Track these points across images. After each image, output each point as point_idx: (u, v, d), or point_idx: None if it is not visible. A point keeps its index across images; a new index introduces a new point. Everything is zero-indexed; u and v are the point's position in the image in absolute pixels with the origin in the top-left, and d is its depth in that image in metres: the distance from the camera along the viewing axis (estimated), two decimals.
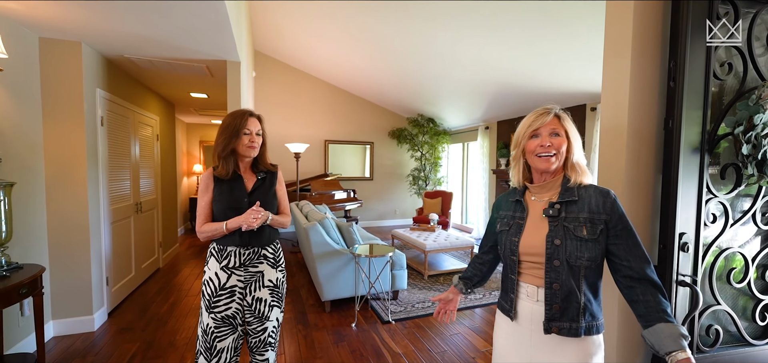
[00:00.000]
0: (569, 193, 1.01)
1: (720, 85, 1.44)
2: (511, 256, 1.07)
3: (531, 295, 1.03)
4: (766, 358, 1.51)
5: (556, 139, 0.99)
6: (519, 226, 1.07)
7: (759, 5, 1.40)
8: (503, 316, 1.11)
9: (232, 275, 1.48)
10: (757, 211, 1.47)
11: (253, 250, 1.50)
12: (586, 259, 0.96)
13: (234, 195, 1.49)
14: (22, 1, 1.93)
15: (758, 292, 1.50)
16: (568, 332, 0.97)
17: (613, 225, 0.97)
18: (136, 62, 3.05)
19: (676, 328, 0.87)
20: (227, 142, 1.47)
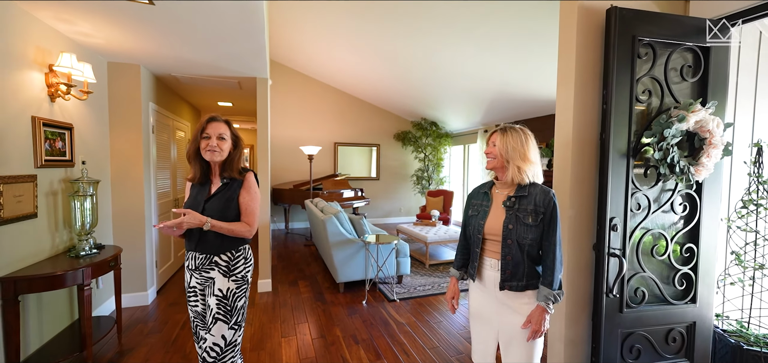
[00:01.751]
0: (522, 190, 1.38)
1: (647, 104, 1.91)
2: (477, 234, 1.45)
3: (492, 266, 1.42)
4: (681, 314, 1.97)
5: (493, 149, 1.41)
6: (485, 212, 1.44)
7: (672, 46, 1.86)
8: (473, 282, 1.51)
9: (192, 276, 1.52)
10: (674, 202, 1.93)
11: (205, 255, 1.49)
12: (530, 240, 1.34)
13: (196, 199, 1.51)
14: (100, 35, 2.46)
15: (676, 263, 1.96)
16: (515, 289, 1.37)
17: (547, 216, 1.34)
18: (180, 79, 3.58)
19: (548, 292, 1.32)
20: (190, 145, 1.52)
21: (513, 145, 1.38)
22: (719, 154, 1.85)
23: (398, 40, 4.34)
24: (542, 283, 1.36)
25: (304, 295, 3.51)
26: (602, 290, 1.84)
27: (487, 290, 1.45)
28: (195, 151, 1.50)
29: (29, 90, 2.06)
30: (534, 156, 1.40)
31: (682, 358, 2.02)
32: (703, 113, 1.80)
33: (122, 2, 1.91)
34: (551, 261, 1.34)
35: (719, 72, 1.93)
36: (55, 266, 2.06)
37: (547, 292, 1.33)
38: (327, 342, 2.58)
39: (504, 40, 3.69)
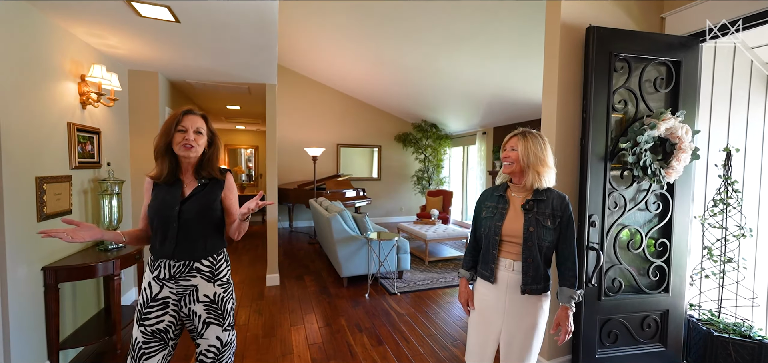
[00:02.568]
0: (540, 194, 1.38)
1: (625, 112, 2.11)
2: (494, 236, 1.42)
3: (507, 267, 1.40)
4: (655, 302, 2.17)
5: (513, 153, 1.39)
6: (502, 214, 1.42)
7: (646, 61, 2.07)
8: (483, 281, 1.47)
9: (164, 286, 1.34)
10: (648, 201, 2.14)
11: (183, 262, 1.34)
12: (548, 242, 1.36)
13: (166, 200, 1.33)
14: (122, 45, 2.67)
15: (651, 256, 2.16)
16: (533, 292, 1.37)
17: (564, 221, 1.38)
18: (194, 84, 3.80)
19: (572, 292, 1.35)
20: (160, 139, 1.32)
21: (534, 150, 1.37)
22: (688, 157, 2.05)
23: (399, 46, 4.55)
24: (564, 285, 1.39)
25: (310, 288, 3.72)
26: (582, 280, 2.04)
27: (498, 291, 1.43)
28: (166, 145, 1.32)
29: (65, 98, 2.28)
30: (551, 161, 1.41)
31: (656, 343, 2.22)
32: (673, 121, 2.01)
33: (150, 20, 2.13)
34: (572, 263, 1.38)
35: (689, 83, 2.13)
36: (88, 258, 2.28)
37: (570, 292, 1.37)
38: (333, 330, 2.80)
39: (500, 48, 3.89)
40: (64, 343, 2.20)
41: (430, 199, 7.11)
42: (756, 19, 1.85)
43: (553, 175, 1.41)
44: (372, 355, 2.42)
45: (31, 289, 1.98)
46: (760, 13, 1.83)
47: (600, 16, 2.12)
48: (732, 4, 1.91)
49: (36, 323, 2.01)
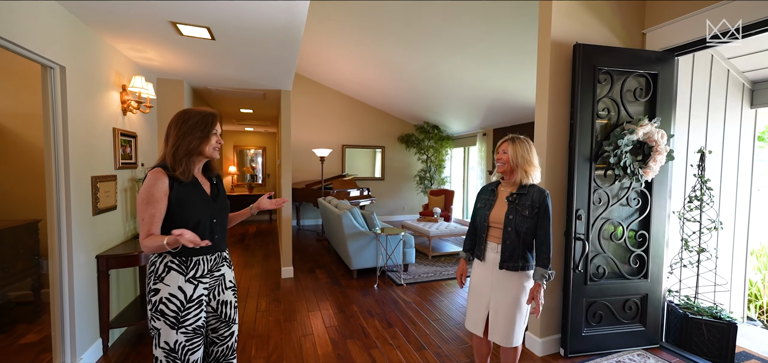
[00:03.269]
0: (523, 188, 1.67)
1: (609, 118, 2.39)
2: (483, 222, 1.76)
3: (493, 249, 1.72)
4: (635, 287, 2.45)
5: (504, 155, 1.69)
6: (491, 205, 1.75)
7: (627, 73, 2.35)
8: (477, 261, 1.81)
9: (198, 285, 1.37)
10: (629, 197, 2.41)
11: (218, 254, 1.45)
12: (526, 228, 1.64)
13: (201, 199, 1.38)
14: (156, 56, 2.95)
15: (631, 246, 2.44)
16: (510, 268, 1.66)
17: (541, 211, 1.64)
18: (213, 90, 4.09)
19: (544, 271, 1.61)
20: (194, 141, 1.32)
21: (522, 153, 1.65)
22: (664, 159, 2.33)
23: (403, 53, 4.83)
24: (538, 265, 1.64)
25: (322, 280, 4.01)
26: (570, 267, 2.32)
27: (486, 268, 1.75)
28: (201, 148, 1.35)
29: (111, 107, 2.56)
30: (536, 162, 1.68)
31: (637, 323, 2.50)
32: (649, 127, 2.28)
33: (189, 38, 2.41)
34: (546, 247, 1.64)
35: (665, 93, 2.41)
36: (131, 248, 2.56)
37: (542, 271, 1.62)
38: (346, 315, 3.08)
39: (499, 55, 4.17)
40: (112, 324, 2.48)
41: (433, 198, 7.38)
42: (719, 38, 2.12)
43: (539, 173, 1.70)
44: (384, 335, 2.70)
45: (88, 274, 2.26)
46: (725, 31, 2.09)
47: (586, 33, 2.39)
48: (703, 22, 2.17)
49: (91, 304, 2.30)
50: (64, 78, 1.99)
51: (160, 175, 1.28)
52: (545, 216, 1.64)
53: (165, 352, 1.32)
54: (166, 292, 1.31)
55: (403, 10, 3.66)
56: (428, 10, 3.56)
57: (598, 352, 2.41)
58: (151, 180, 1.27)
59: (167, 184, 1.29)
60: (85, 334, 2.21)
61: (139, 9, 1.99)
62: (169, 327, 1.31)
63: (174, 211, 1.30)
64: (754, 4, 1.94)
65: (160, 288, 1.31)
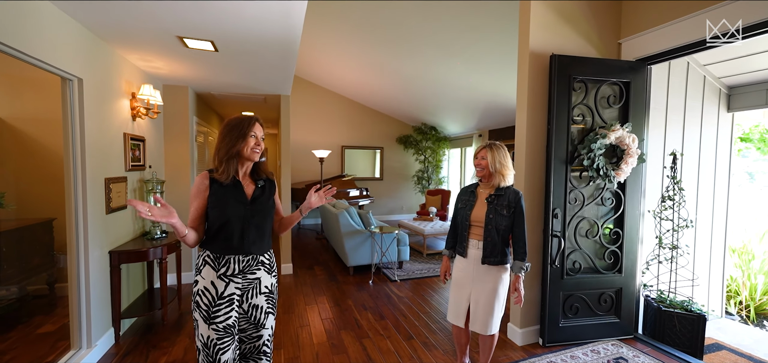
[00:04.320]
0: (500, 190, 1.86)
1: (585, 123, 2.55)
2: (465, 222, 1.94)
3: (474, 245, 1.91)
4: (610, 281, 2.61)
5: (483, 161, 1.87)
6: (471, 205, 1.93)
7: (600, 82, 2.51)
8: (459, 257, 1.99)
9: (230, 283, 1.41)
10: (604, 197, 2.58)
11: (252, 257, 1.45)
12: (504, 226, 1.83)
13: (236, 200, 1.42)
14: (163, 63, 3.15)
15: (606, 243, 2.61)
16: (492, 263, 1.85)
17: (517, 210, 1.83)
18: (216, 95, 4.28)
19: (522, 264, 1.81)
20: (232, 143, 1.40)
21: (499, 159, 1.84)
22: (635, 161, 2.50)
23: (399, 57, 5.01)
24: (516, 258, 1.84)
25: (319, 276, 4.19)
26: (547, 262, 2.49)
27: (468, 263, 1.92)
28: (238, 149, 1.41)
29: (122, 113, 2.76)
30: (511, 166, 1.88)
31: (612, 315, 2.67)
32: (621, 131, 2.45)
33: (194, 50, 2.60)
34: (523, 243, 1.83)
35: (638, 99, 2.58)
36: (140, 245, 2.75)
37: (520, 264, 1.83)
38: (341, 308, 3.26)
39: (489, 61, 4.34)
40: (123, 314, 2.67)
41: (430, 197, 7.55)
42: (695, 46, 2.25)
43: (512, 175, 1.89)
44: (375, 327, 2.88)
45: (102, 268, 2.46)
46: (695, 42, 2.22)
47: (563, 44, 2.56)
48: (675, 33, 2.31)
49: (105, 296, 2.49)
50: (82, 89, 2.19)
51: (203, 176, 1.42)
52: (521, 215, 1.82)
53: (201, 344, 1.39)
54: (202, 284, 1.39)
55: (396, 15, 3.84)
56: (419, 16, 3.74)
57: (574, 342, 2.57)
58: (196, 180, 1.43)
59: (206, 184, 1.41)
60: (99, 323, 2.40)
61: (149, 25, 2.18)
62: (203, 320, 1.37)
63: (209, 209, 1.40)
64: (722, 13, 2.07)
65: (198, 280, 1.41)
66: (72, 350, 2.24)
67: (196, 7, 1.95)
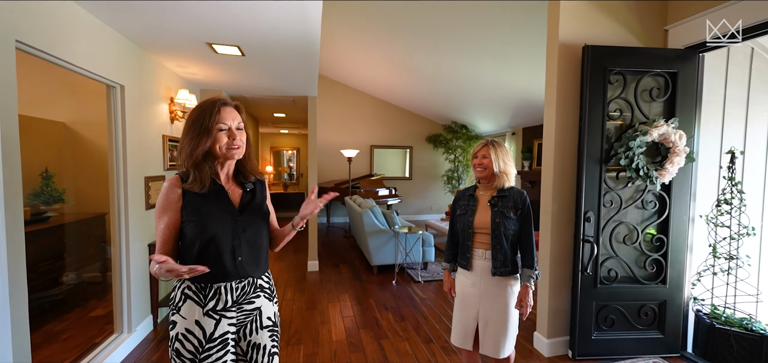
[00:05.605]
0: (503, 191, 1.64)
1: (623, 118, 2.34)
2: (467, 229, 1.67)
3: (481, 256, 1.65)
4: (652, 293, 2.37)
5: (485, 160, 1.64)
6: (473, 210, 1.68)
7: (641, 73, 2.29)
8: (462, 270, 1.72)
9: (221, 320, 1.10)
10: (645, 199, 2.35)
11: (248, 281, 1.14)
12: (513, 231, 1.61)
13: (219, 212, 1.09)
14: (201, 72, 3.34)
15: (647, 250, 2.37)
16: (502, 274, 1.61)
17: (524, 211, 1.63)
18: (248, 98, 4.49)
19: (531, 272, 1.57)
20: (195, 143, 1.05)
21: (503, 158, 1.65)
22: (682, 161, 2.25)
23: (423, 54, 4.93)
24: (525, 266, 1.61)
25: (344, 274, 4.25)
26: (578, 269, 2.31)
27: (474, 277, 1.67)
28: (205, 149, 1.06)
29: (161, 116, 2.98)
30: (513, 165, 1.69)
31: (654, 330, 2.43)
32: (665, 127, 2.22)
33: (223, 55, 2.73)
34: (530, 247, 1.62)
35: (686, 92, 2.32)
36: None
37: (529, 272, 1.59)
38: (363, 307, 3.27)
39: (520, 55, 4.13)
40: (160, 303, 2.89)
41: None
42: (758, 29, 1.96)
43: (514, 176, 1.70)
44: (395, 328, 2.86)
45: (142, 260, 2.67)
46: (761, 23, 1.94)
47: (598, 34, 2.36)
48: (735, 15, 2.03)
49: (144, 286, 2.71)
50: (124, 95, 2.39)
51: (172, 181, 1.09)
52: (529, 217, 1.64)
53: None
54: (182, 326, 1.06)
55: (421, 12, 3.77)
56: (445, 11, 3.64)
57: (609, 357, 2.37)
58: (163, 188, 1.09)
59: (178, 192, 1.07)
60: (139, 310, 2.61)
61: (182, 33, 2.33)
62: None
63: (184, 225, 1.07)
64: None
65: (176, 321, 1.08)
66: (115, 334, 2.46)
67: (219, 14, 2.04)
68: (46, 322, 2.77)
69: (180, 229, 1.09)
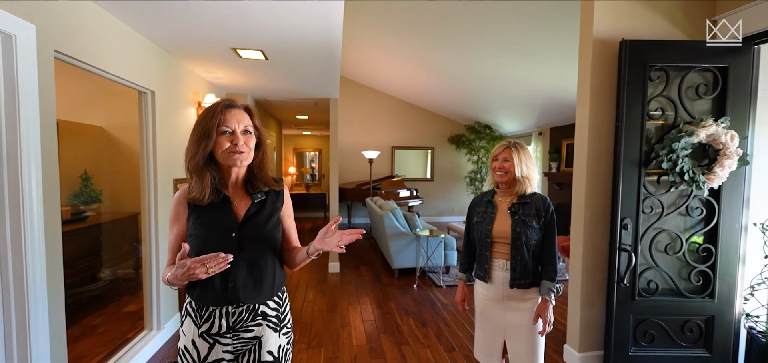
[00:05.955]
0: (524, 197, 1.53)
1: (665, 118, 2.17)
2: (486, 238, 1.55)
3: (501, 266, 1.53)
4: (698, 307, 2.18)
5: (507, 164, 1.52)
6: (491, 218, 1.56)
7: (687, 69, 2.11)
8: (480, 282, 1.61)
9: (215, 345, 1.03)
10: (690, 206, 2.16)
11: (246, 307, 1.04)
12: (535, 240, 1.50)
13: (218, 226, 1.02)
14: (225, 77, 3.42)
15: (692, 261, 2.18)
16: (522, 286, 1.50)
17: (547, 219, 1.52)
18: (272, 101, 4.57)
19: (551, 285, 1.47)
20: (196, 147, 0.98)
21: (526, 162, 1.53)
22: (734, 164, 2.04)
23: (445, 53, 4.82)
24: (545, 278, 1.50)
25: (365, 277, 4.23)
26: (614, 280, 2.16)
27: (494, 289, 1.56)
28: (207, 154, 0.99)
29: (189, 120, 3.07)
30: (536, 169, 1.58)
31: (700, 348, 2.23)
32: (714, 127, 2.03)
33: (247, 59, 2.78)
34: (552, 258, 1.51)
35: (739, 88, 2.11)
36: None
37: (549, 285, 1.48)
38: (383, 311, 3.23)
39: (547, 52, 3.95)
40: None
41: None
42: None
43: (537, 182, 1.59)
44: (416, 334, 2.79)
45: None
46: None
47: (636, 28, 2.20)
48: None
49: None
50: (154, 100, 2.48)
51: (180, 193, 1.05)
52: (552, 225, 1.52)
53: None
54: (182, 342, 1.04)
55: (442, 10, 3.69)
56: (466, 9, 3.54)
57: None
58: (174, 199, 1.06)
59: (185, 205, 1.04)
60: (167, 307, 2.70)
61: (208, 38, 2.38)
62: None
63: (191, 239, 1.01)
64: None
65: (180, 335, 1.06)
66: (145, 330, 2.55)
67: (243, 20, 2.07)
68: (84, 316, 2.93)
69: None
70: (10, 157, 1.39)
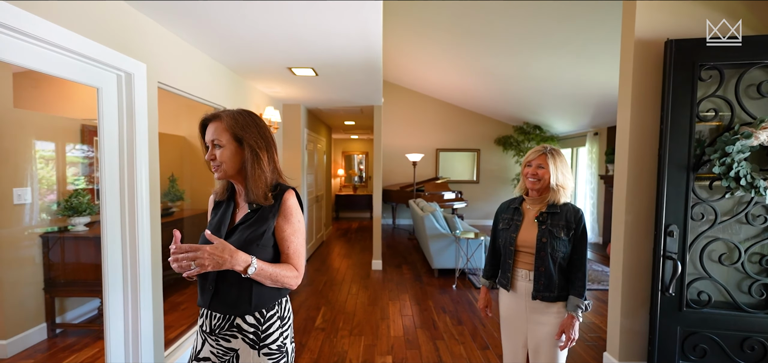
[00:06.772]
0: (554, 207, 1.46)
1: (719, 119, 2.04)
2: (510, 246, 1.51)
3: (524, 277, 1.49)
4: (760, 324, 2.00)
5: (541, 171, 1.46)
6: (517, 226, 1.51)
7: (744, 67, 1.96)
8: (503, 290, 1.57)
9: (205, 342, 1.06)
10: (750, 213, 2.00)
11: (222, 315, 1.03)
12: (563, 253, 1.43)
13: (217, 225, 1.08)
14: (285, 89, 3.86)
15: (752, 273, 2.01)
16: (545, 299, 1.44)
17: (578, 232, 1.44)
18: (322, 109, 4.99)
19: (579, 301, 1.40)
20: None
21: (562, 170, 1.46)
22: None
23: (491, 55, 4.82)
24: (572, 294, 1.43)
25: (406, 275, 4.41)
26: (657, 288, 2.08)
27: (518, 298, 1.52)
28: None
29: None
30: (572, 178, 1.51)
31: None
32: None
33: (300, 76, 3.15)
34: (582, 274, 1.43)
35: None
36: None
37: (577, 301, 1.41)
38: (421, 308, 3.39)
39: (599, 49, 3.78)
40: None
41: None
42: None
43: (571, 192, 1.56)
44: (451, 331, 2.91)
45: None
46: None
47: (683, 25, 2.10)
48: None
49: None
50: None
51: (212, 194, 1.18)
52: (583, 238, 1.45)
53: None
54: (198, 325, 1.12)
55: (487, 12, 3.74)
56: (511, 10, 3.55)
57: None
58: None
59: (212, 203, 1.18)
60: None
61: (269, 60, 2.78)
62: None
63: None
64: None
65: None
66: None
67: (297, 43, 2.40)
68: (171, 294, 3.54)
69: None
70: (129, 163, 1.84)
